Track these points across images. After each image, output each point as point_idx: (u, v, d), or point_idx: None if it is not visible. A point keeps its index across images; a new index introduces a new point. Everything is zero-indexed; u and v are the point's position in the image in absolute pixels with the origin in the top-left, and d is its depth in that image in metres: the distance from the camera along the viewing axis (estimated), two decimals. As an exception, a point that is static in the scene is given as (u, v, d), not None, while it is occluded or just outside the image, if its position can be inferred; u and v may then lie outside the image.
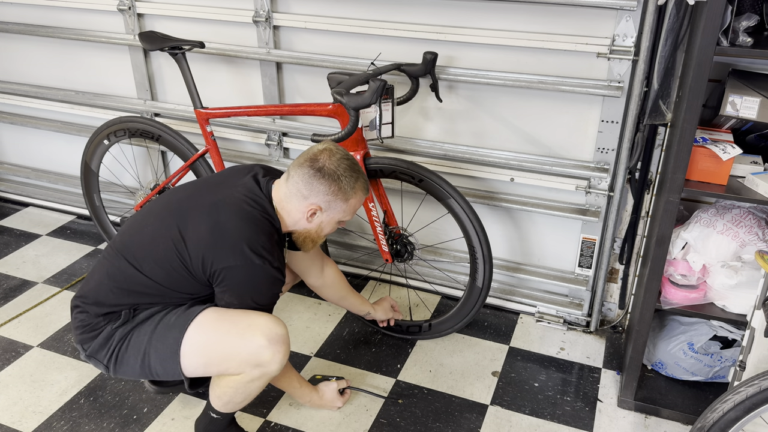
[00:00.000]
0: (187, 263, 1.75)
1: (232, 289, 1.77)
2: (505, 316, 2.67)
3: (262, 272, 1.74)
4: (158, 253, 1.77)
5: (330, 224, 1.88)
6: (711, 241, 1.98)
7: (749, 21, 1.66)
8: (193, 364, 1.80)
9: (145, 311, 1.82)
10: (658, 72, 2.00)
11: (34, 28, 3.00)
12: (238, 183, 1.84)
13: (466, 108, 2.45)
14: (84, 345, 1.85)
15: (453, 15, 2.31)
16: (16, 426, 2.12)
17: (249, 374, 1.79)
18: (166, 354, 1.79)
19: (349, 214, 1.88)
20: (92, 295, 1.83)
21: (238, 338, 1.76)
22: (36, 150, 3.44)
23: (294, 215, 1.84)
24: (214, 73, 2.78)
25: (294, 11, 2.54)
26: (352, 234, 2.83)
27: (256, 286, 1.78)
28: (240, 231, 1.73)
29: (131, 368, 1.83)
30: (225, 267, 1.72)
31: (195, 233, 1.74)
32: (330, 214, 1.85)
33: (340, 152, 1.82)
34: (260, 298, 1.81)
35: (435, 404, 2.22)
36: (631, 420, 2.16)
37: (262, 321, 1.78)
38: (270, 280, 1.78)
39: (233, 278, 1.75)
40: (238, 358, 1.77)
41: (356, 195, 1.84)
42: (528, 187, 2.48)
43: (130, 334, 1.82)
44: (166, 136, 2.63)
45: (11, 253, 3.07)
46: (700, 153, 1.80)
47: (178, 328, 1.79)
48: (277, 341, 1.77)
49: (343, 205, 1.84)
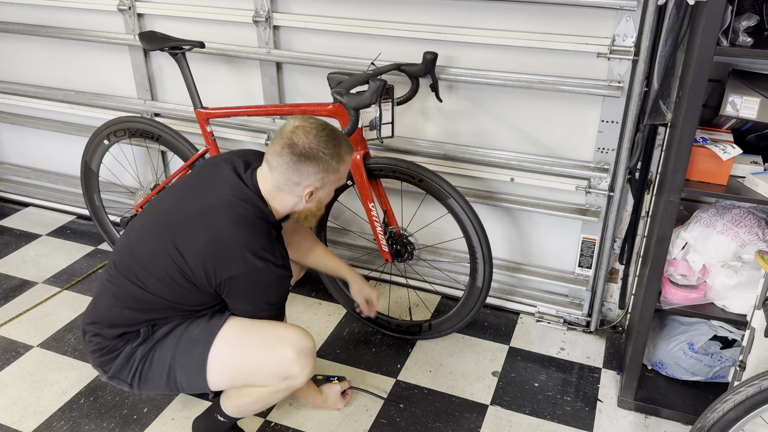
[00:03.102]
0: (191, 277, 1.71)
1: (241, 297, 1.75)
2: (505, 316, 2.67)
3: (267, 275, 1.71)
4: (159, 271, 1.73)
5: (328, 195, 1.85)
6: (711, 241, 1.98)
7: (749, 21, 1.66)
8: (219, 378, 1.78)
9: (164, 327, 1.79)
10: (658, 72, 2.00)
11: (34, 28, 3.00)
12: (221, 182, 1.78)
13: (466, 108, 2.45)
14: (104, 367, 1.82)
15: (453, 15, 2.31)
16: (16, 426, 2.12)
17: (275, 386, 1.77)
18: (191, 369, 1.76)
19: (343, 179, 1.84)
20: (105, 319, 1.79)
21: (268, 351, 1.75)
22: (36, 150, 3.44)
23: (289, 201, 1.79)
24: (214, 73, 2.78)
25: (294, 11, 2.54)
26: (352, 234, 2.83)
27: (264, 290, 1.76)
28: (238, 238, 1.68)
29: (156, 384, 1.81)
30: (229, 277, 1.69)
31: (192, 247, 1.70)
32: (326, 188, 1.80)
33: (313, 126, 1.73)
34: (272, 299, 1.79)
35: (435, 404, 2.22)
36: (631, 420, 2.16)
37: (291, 334, 1.77)
38: (277, 281, 1.75)
39: (240, 286, 1.72)
40: (267, 371, 1.75)
41: (344, 160, 1.78)
42: (528, 187, 2.48)
43: (153, 350, 1.79)
44: (166, 136, 2.63)
45: (11, 253, 3.07)
46: (700, 153, 1.80)
47: (203, 342, 1.76)
48: (306, 355, 1.76)
49: (335, 176, 1.78)
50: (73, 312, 2.66)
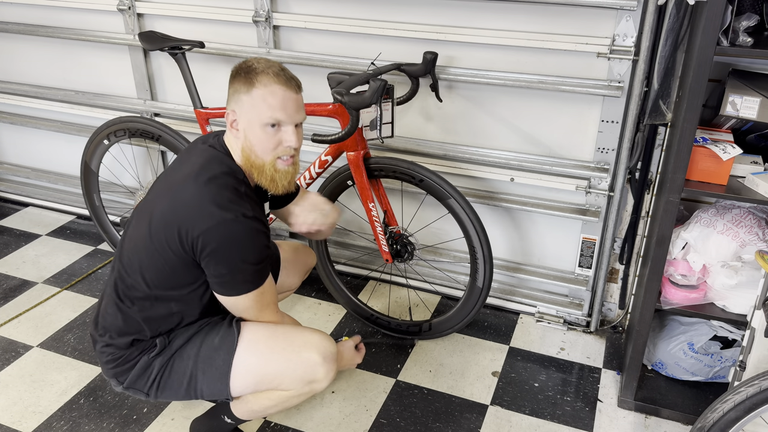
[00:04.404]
0: (169, 245, 1.64)
1: (216, 255, 1.62)
2: (505, 316, 2.67)
3: (238, 227, 1.61)
4: (143, 259, 1.69)
5: (253, 131, 1.66)
6: (711, 241, 1.98)
7: (749, 21, 1.66)
8: (244, 384, 1.76)
9: (181, 336, 1.77)
10: (658, 72, 2.00)
11: (34, 28, 3.00)
12: (192, 155, 1.73)
13: (466, 108, 2.45)
14: (119, 378, 1.79)
15: (453, 15, 2.31)
16: (16, 426, 2.12)
17: (298, 390, 1.76)
18: (215, 376, 1.74)
19: (264, 110, 1.63)
20: (113, 327, 1.76)
21: (294, 355, 1.73)
22: (36, 150, 3.44)
23: (229, 138, 1.72)
24: (214, 73, 2.78)
25: (294, 11, 2.54)
26: (352, 234, 2.83)
27: (238, 244, 1.63)
28: (201, 194, 1.61)
29: (175, 392, 1.79)
30: (200, 233, 1.59)
31: (161, 215, 1.65)
32: (243, 115, 1.65)
33: (260, 58, 1.67)
34: (247, 255, 1.65)
35: (435, 404, 2.22)
36: (631, 420, 2.16)
37: (317, 339, 1.76)
38: (250, 233, 1.63)
39: (212, 242, 1.60)
40: (293, 375, 1.74)
41: (261, 82, 1.62)
42: (528, 187, 2.48)
43: (171, 360, 1.76)
44: (166, 136, 2.63)
45: (11, 253, 3.07)
46: (700, 153, 1.80)
47: (226, 349, 1.74)
48: (330, 359, 1.76)
49: (247, 98, 1.63)
50: (72, 312, 2.66)
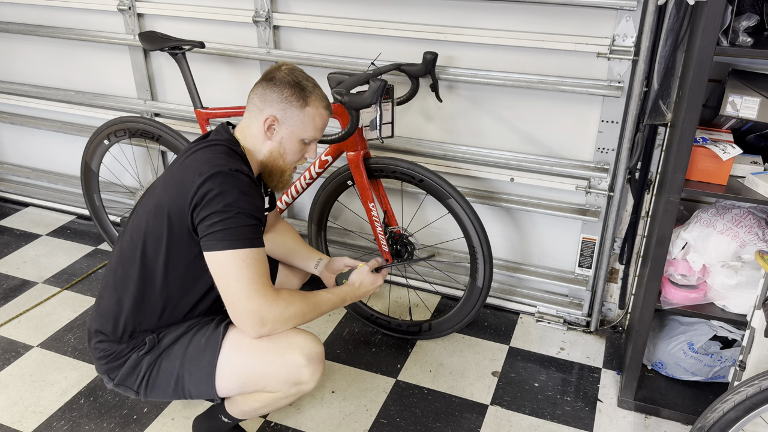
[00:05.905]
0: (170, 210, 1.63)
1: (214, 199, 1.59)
2: (505, 316, 2.68)
3: (235, 178, 1.60)
4: (146, 230, 1.68)
5: (291, 142, 1.73)
6: (711, 241, 1.98)
7: (749, 21, 1.66)
8: (229, 385, 1.76)
9: (170, 335, 1.77)
10: (658, 72, 2.00)
11: (34, 28, 3.00)
12: (196, 150, 1.72)
13: (466, 108, 2.45)
14: (110, 374, 1.80)
15: (453, 15, 2.31)
16: (16, 426, 2.12)
17: (285, 392, 1.75)
18: (200, 377, 1.75)
19: (309, 129, 1.73)
20: (108, 323, 1.76)
21: (278, 357, 1.71)
22: (36, 150, 3.44)
23: (256, 137, 1.73)
24: (214, 73, 2.78)
25: (294, 11, 2.54)
26: (352, 234, 2.83)
27: (233, 191, 1.60)
28: (202, 160, 1.63)
29: (163, 392, 1.79)
30: (207, 177, 1.58)
31: (162, 194, 1.67)
32: (288, 126, 1.71)
33: (297, 67, 1.73)
34: (243, 204, 1.61)
35: (435, 404, 2.22)
36: (631, 420, 2.16)
37: (301, 339, 1.73)
38: (247, 186, 1.62)
39: (215, 187, 1.58)
40: (277, 377, 1.73)
41: (313, 103, 1.71)
42: (528, 187, 2.48)
43: (159, 359, 1.76)
44: (166, 136, 2.63)
45: (11, 253, 3.07)
46: (700, 153, 1.80)
47: (211, 350, 1.74)
48: (316, 360, 1.74)
49: (299, 113, 1.70)
50: (73, 312, 2.66)
